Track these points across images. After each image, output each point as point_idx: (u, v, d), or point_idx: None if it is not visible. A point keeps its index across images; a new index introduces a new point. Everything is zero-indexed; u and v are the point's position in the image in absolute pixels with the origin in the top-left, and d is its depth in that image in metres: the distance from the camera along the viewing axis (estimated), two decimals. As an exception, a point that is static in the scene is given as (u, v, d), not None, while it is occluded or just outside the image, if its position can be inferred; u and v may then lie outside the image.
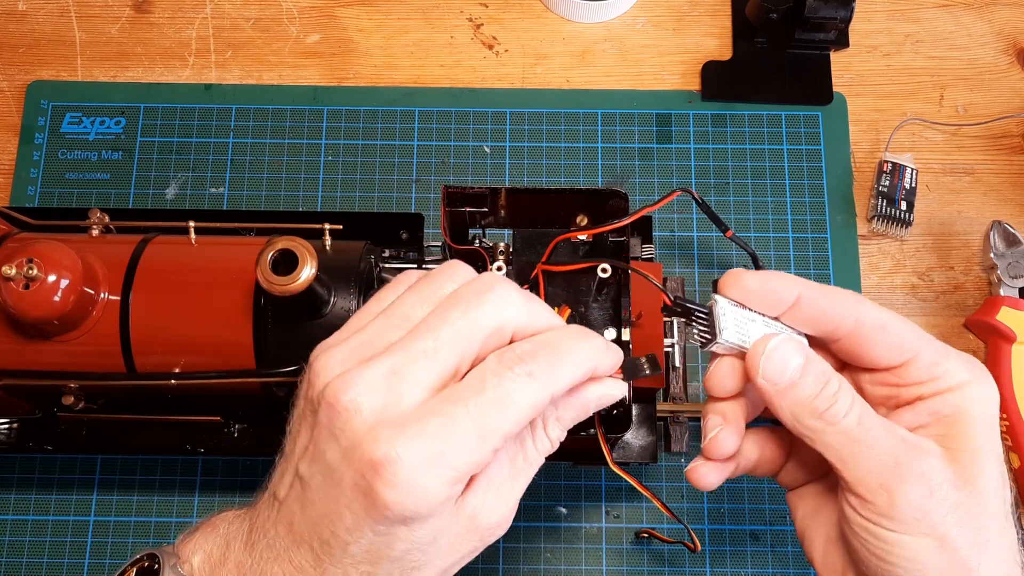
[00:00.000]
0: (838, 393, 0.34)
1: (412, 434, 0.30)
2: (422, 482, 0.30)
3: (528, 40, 0.70)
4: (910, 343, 0.35)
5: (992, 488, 0.34)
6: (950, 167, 0.66)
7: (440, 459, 0.30)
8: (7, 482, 0.60)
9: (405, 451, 0.30)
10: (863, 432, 0.34)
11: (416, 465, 0.30)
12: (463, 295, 0.33)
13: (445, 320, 0.32)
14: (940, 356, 0.35)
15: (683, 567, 0.58)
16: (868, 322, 0.35)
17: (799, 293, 0.36)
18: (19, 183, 0.66)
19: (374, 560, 0.32)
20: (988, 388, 0.35)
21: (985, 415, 0.35)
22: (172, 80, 0.69)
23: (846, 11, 0.64)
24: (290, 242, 0.44)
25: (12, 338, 0.48)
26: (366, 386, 0.31)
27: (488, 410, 0.31)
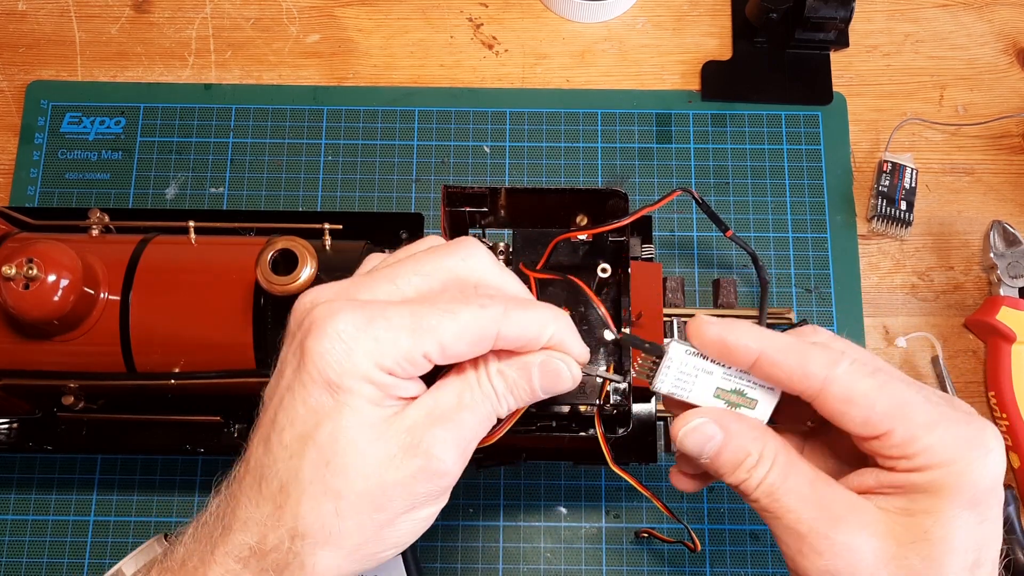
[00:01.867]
0: (753, 469, 0.34)
1: (353, 305, 0.32)
2: (346, 342, 0.31)
3: (528, 40, 0.70)
4: (879, 420, 0.33)
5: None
6: (950, 167, 0.66)
7: (368, 327, 0.31)
8: (7, 482, 0.60)
9: (340, 310, 0.32)
10: (772, 503, 0.34)
11: (344, 323, 0.31)
12: (438, 248, 0.35)
13: (411, 261, 0.35)
14: (920, 432, 0.32)
15: (683, 567, 0.58)
16: (834, 393, 0.33)
17: (759, 352, 0.34)
18: (19, 183, 0.66)
19: (302, 443, 0.32)
20: (974, 470, 0.32)
21: (957, 495, 0.32)
22: (172, 80, 0.69)
23: (846, 11, 0.64)
24: (290, 242, 0.45)
25: (12, 338, 0.48)
26: (330, 293, 0.34)
27: (429, 314, 0.32)
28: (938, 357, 0.61)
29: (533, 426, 0.47)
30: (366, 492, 0.32)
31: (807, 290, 0.63)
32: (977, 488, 0.32)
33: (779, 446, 0.35)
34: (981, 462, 0.32)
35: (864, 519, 0.33)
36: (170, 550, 0.34)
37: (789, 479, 0.34)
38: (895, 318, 0.63)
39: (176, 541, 0.34)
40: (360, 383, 0.32)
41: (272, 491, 0.32)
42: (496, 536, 0.59)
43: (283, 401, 0.33)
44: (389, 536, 0.33)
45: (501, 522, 0.59)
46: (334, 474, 0.32)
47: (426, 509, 0.34)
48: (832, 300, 0.63)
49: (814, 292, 0.63)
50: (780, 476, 0.34)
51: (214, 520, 0.33)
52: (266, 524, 0.32)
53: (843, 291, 0.63)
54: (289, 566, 0.32)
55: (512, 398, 0.35)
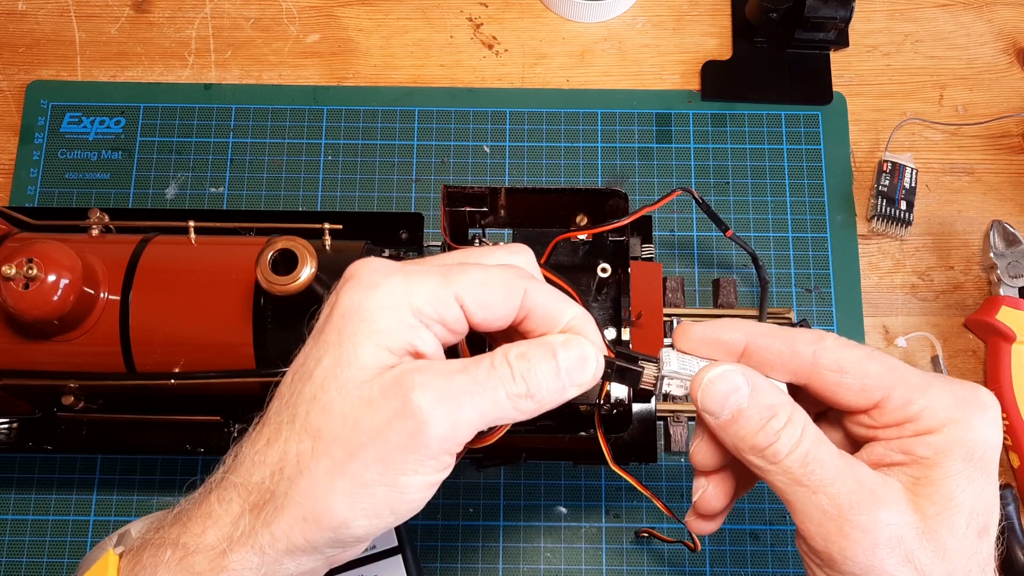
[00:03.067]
0: (782, 430, 0.32)
1: (387, 261, 0.33)
2: (377, 282, 0.32)
3: (528, 40, 0.70)
4: (875, 384, 0.32)
5: (955, 545, 0.31)
6: (950, 167, 0.66)
7: (401, 272, 0.32)
8: (7, 482, 0.60)
9: (376, 262, 0.33)
10: (807, 474, 0.32)
11: (379, 269, 0.32)
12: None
13: (463, 251, 0.36)
14: (915, 394, 0.32)
15: (683, 567, 0.58)
16: (825, 364, 0.33)
17: (745, 339, 0.34)
18: (19, 183, 0.66)
19: (303, 380, 0.32)
20: (976, 427, 0.32)
21: (966, 456, 0.32)
22: (172, 80, 0.69)
23: (846, 11, 0.64)
24: (290, 242, 0.44)
25: (12, 338, 0.48)
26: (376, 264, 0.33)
27: (460, 266, 0.33)
28: (938, 357, 0.61)
29: (533, 426, 0.47)
30: (341, 433, 0.30)
31: (807, 290, 0.63)
32: (986, 446, 0.32)
33: (806, 414, 0.33)
34: (981, 418, 0.32)
35: (897, 494, 0.32)
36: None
37: (822, 448, 0.32)
38: (895, 318, 0.63)
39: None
40: (383, 317, 0.31)
41: (270, 429, 0.32)
42: (496, 536, 0.59)
43: (305, 345, 0.33)
44: (362, 500, 0.30)
45: (501, 522, 0.59)
46: (318, 411, 0.31)
47: (406, 476, 0.30)
48: (832, 300, 0.63)
49: (814, 292, 0.63)
50: (814, 444, 0.32)
51: (227, 461, 0.34)
52: (254, 460, 0.32)
53: (843, 291, 0.63)
54: (266, 506, 0.31)
55: (529, 382, 0.31)
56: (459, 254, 0.36)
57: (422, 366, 0.31)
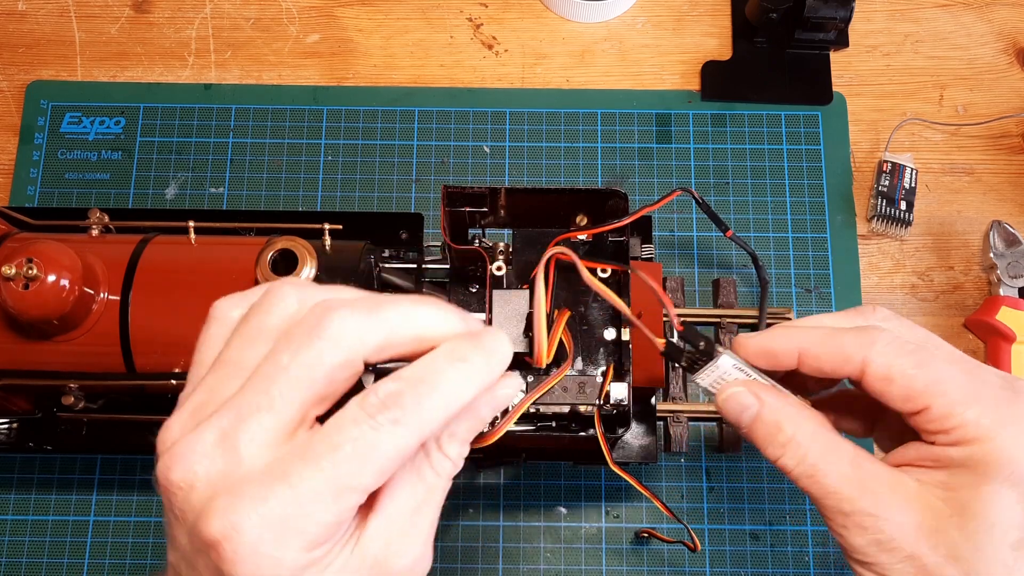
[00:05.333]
0: (787, 444, 0.35)
1: (251, 501, 0.27)
2: (270, 554, 0.27)
3: (528, 40, 0.70)
4: (917, 395, 0.34)
5: (970, 551, 0.33)
6: (950, 167, 0.67)
7: (286, 526, 0.27)
8: (7, 482, 0.60)
9: (245, 522, 0.27)
10: (814, 483, 0.35)
11: (258, 537, 0.27)
12: (294, 334, 0.29)
13: (277, 366, 0.28)
14: (957, 408, 0.33)
15: (683, 567, 0.58)
16: (873, 372, 0.34)
17: (797, 351, 0.36)
18: (19, 183, 0.66)
19: None
20: (1008, 447, 0.33)
21: (992, 473, 0.33)
22: (172, 80, 0.69)
23: (846, 11, 0.64)
24: (290, 242, 0.45)
25: (12, 338, 0.48)
26: (198, 455, 0.27)
27: (345, 466, 0.28)
28: (938, 357, 0.61)
29: (533, 426, 0.47)
30: None
31: (807, 290, 0.63)
32: (1015, 464, 0.33)
33: (817, 425, 0.35)
34: (1018, 438, 0.33)
35: (905, 494, 0.34)
36: None
37: (829, 458, 0.35)
38: (895, 318, 0.63)
39: None
40: (301, 573, 0.28)
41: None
42: (496, 536, 0.59)
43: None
44: None
45: (501, 522, 0.59)
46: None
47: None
48: (832, 300, 0.63)
49: (814, 292, 0.63)
50: (819, 456, 0.35)
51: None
52: None
53: (843, 291, 0.63)
54: None
55: (465, 448, 0.32)
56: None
57: (394, 552, 0.33)
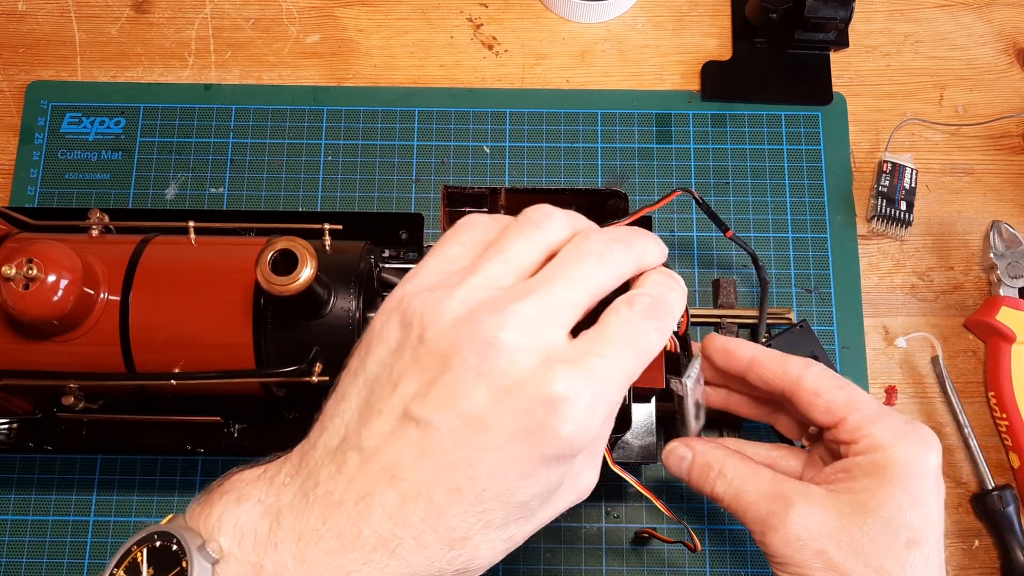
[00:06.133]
0: (716, 479, 0.44)
1: (583, 371, 0.30)
2: (588, 419, 0.30)
3: (528, 40, 0.70)
4: (838, 408, 0.42)
5: (867, 544, 0.39)
6: (950, 167, 0.66)
7: (600, 399, 0.31)
8: (7, 482, 0.60)
9: (582, 387, 0.30)
10: (739, 504, 0.43)
11: (588, 402, 0.30)
12: (592, 249, 0.34)
13: (581, 273, 0.33)
14: (867, 421, 0.41)
15: (683, 567, 0.58)
16: (806, 386, 0.43)
17: (751, 357, 0.45)
18: (19, 183, 0.66)
19: (500, 505, 0.31)
20: (905, 456, 0.40)
21: (890, 478, 0.40)
22: (172, 80, 0.69)
23: (846, 11, 0.64)
24: (290, 242, 0.44)
25: (12, 338, 0.48)
26: (524, 326, 0.31)
27: (631, 356, 0.32)
28: (938, 357, 0.61)
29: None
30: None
31: (807, 290, 0.63)
32: (909, 473, 0.40)
33: (739, 460, 0.44)
34: (913, 451, 0.40)
35: (812, 500, 0.40)
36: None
37: (749, 481, 0.42)
38: (895, 318, 0.63)
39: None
40: (590, 445, 0.33)
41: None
42: (496, 536, 0.59)
43: (495, 478, 0.31)
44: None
45: (501, 522, 0.59)
46: (519, 522, 0.34)
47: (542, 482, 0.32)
48: (832, 300, 0.63)
49: (814, 292, 0.63)
50: (742, 480, 0.43)
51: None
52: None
53: (843, 291, 0.63)
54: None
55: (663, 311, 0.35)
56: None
57: (587, 464, 0.37)
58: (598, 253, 0.34)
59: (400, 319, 0.32)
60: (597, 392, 0.31)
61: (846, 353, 0.62)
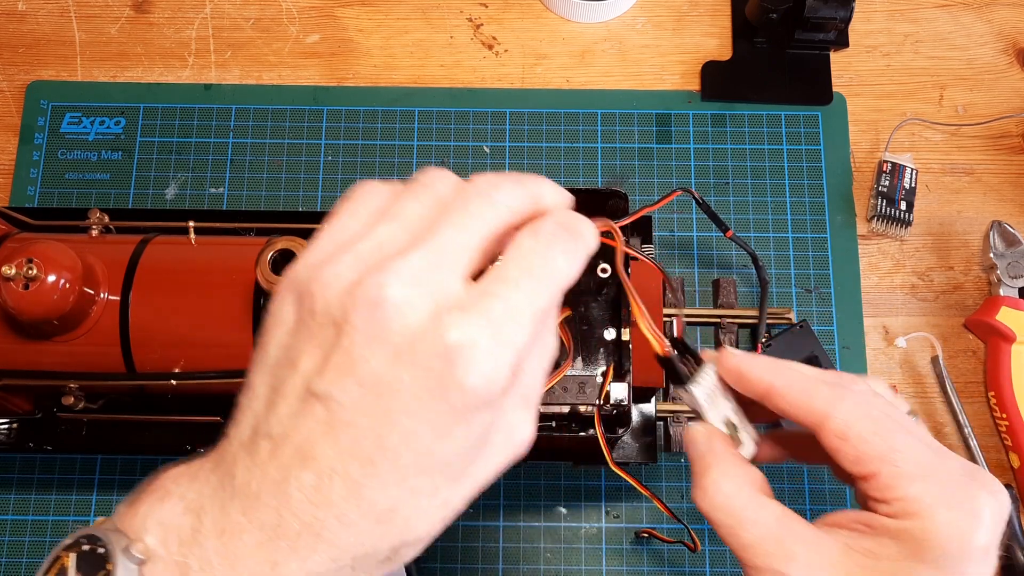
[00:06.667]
0: (712, 494, 0.37)
1: (478, 316, 0.28)
2: (494, 366, 0.28)
3: (528, 40, 0.70)
4: (868, 460, 0.33)
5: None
6: (950, 167, 0.66)
7: (502, 340, 0.28)
8: (7, 482, 0.60)
9: (477, 334, 0.28)
10: (734, 542, 0.35)
11: (488, 347, 0.28)
12: (478, 191, 0.31)
13: (468, 215, 0.30)
14: (902, 480, 0.33)
15: (683, 567, 0.58)
16: (831, 428, 0.34)
17: (770, 385, 0.36)
18: (19, 183, 0.66)
19: (422, 470, 0.29)
20: (952, 529, 0.32)
21: (917, 552, 0.32)
22: (172, 80, 0.69)
23: (846, 11, 0.64)
24: (290, 242, 0.45)
25: (12, 338, 0.48)
26: (410, 279, 0.28)
27: (534, 288, 0.30)
28: (938, 357, 0.61)
29: (533, 426, 0.47)
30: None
31: (807, 290, 0.63)
32: (947, 549, 0.31)
33: (752, 481, 0.36)
34: (957, 524, 0.32)
35: (824, 557, 0.33)
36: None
37: (753, 512, 0.35)
38: (895, 318, 0.63)
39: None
40: (500, 394, 0.29)
41: None
42: (496, 536, 0.59)
43: (409, 441, 0.29)
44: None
45: (501, 522, 0.59)
46: (450, 485, 0.31)
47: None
48: (832, 300, 0.63)
49: (814, 292, 0.63)
50: (750, 511, 0.35)
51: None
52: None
53: (843, 291, 0.63)
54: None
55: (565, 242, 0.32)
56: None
57: (516, 415, 0.32)
58: (483, 192, 0.31)
59: (293, 298, 0.31)
60: (498, 335, 0.28)
61: (846, 353, 0.62)
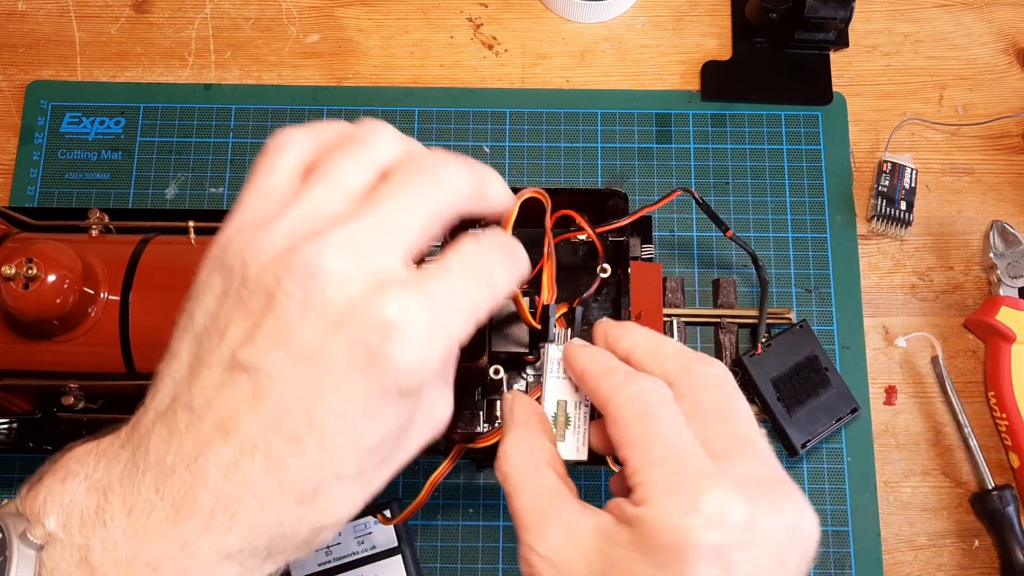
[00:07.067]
0: (501, 460, 0.35)
1: (421, 294, 0.27)
2: (429, 347, 0.27)
3: (528, 40, 0.70)
4: (625, 445, 0.32)
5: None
6: (950, 167, 0.67)
7: (443, 326, 0.28)
8: (7, 482, 0.60)
9: (418, 311, 0.27)
10: (513, 504, 0.34)
11: (425, 327, 0.27)
12: (426, 165, 0.31)
13: (413, 191, 0.30)
14: (645, 466, 0.31)
15: (683, 567, 0.58)
16: (608, 413, 0.34)
17: (582, 368, 0.36)
18: (19, 183, 0.66)
19: (348, 452, 0.28)
20: (669, 518, 0.29)
21: (646, 540, 0.30)
22: (172, 80, 0.69)
23: (846, 11, 0.64)
24: (290, 242, 0.44)
25: (12, 338, 0.48)
26: (350, 251, 0.27)
27: (475, 287, 0.30)
28: (938, 357, 0.61)
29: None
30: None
31: (807, 290, 0.63)
32: (662, 540, 0.29)
33: (539, 451, 0.36)
34: (673, 513, 0.29)
35: (573, 537, 0.32)
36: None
37: (530, 480, 0.34)
38: (895, 318, 0.63)
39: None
40: (431, 379, 0.29)
41: None
42: (496, 536, 0.59)
43: (337, 419, 0.28)
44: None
45: (501, 522, 0.59)
46: (376, 468, 0.31)
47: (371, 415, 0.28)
48: (832, 300, 0.63)
49: (814, 292, 0.63)
50: (522, 475, 0.35)
51: None
52: None
53: (843, 291, 0.63)
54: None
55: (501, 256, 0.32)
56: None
57: (438, 395, 0.33)
58: (432, 169, 0.31)
59: (222, 264, 0.29)
60: (437, 318, 0.28)
61: (846, 353, 0.62)
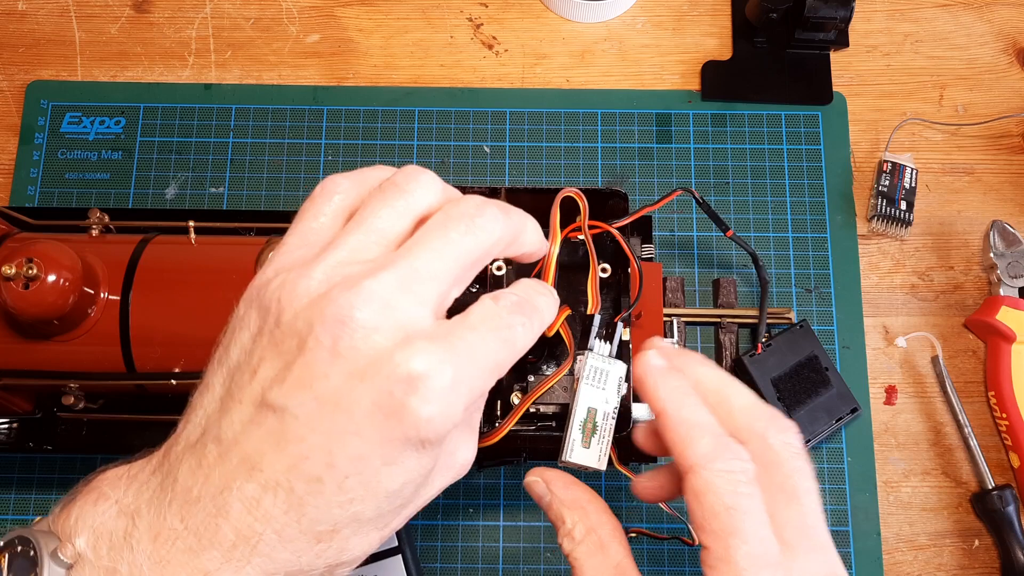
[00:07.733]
0: (566, 537, 0.38)
1: (445, 350, 0.29)
2: (452, 403, 0.28)
3: (528, 40, 0.70)
4: (707, 532, 0.33)
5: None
6: (950, 167, 0.67)
7: (465, 379, 0.29)
8: (7, 482, 0.60)
9: (442, 366, 0.28)
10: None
11: (448, 382, 0.28)
12: (461, 213, 0.31)
13: (447, 241, 0.31)
14: (727, 568, 0.32)
15: (683, 567, 0.58)
16: (690, 482, 0.34)
17: (661, 410, 0.36)
18: (19, 183, 0.66)
19: (367, 494, 0.29)
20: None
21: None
22: (172, 80, 0.69)
23: (846, 11, 0.64)
24: (290, 242, 0.44)
25: (12, 338, 0.48)
26: (380, 302, 0.28)
27: (496, 344, 0.30)
28: (938, 357, 0.61)
29: (533, 426, 0.47)
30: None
31: (807, 290, 0.63)
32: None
33: (597, 523, 0.37)
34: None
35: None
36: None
37: (592, 559, 0.36)
38: (895, 318, 0.63)
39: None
40: (453, 429, 0.30)
41: None
42: (496, 536, 0.59)
43: (357, 464, 0.30)
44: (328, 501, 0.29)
45: (501, 522, 0.59)
46: (396, 511, 0.32)
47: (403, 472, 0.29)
48: (832, 300, 0.63)
49: (814, 292, 0.63)
50: (585, 554, 0.36)
51: None
52: None
53: (843, 291, 0.63)
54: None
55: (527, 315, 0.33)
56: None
57: (462, 442, 0.34)
58: (468, 217, 0.31)
59: (259, 304, 0.31)
60: (459, 372, 0.29)
61: (846, 353, 0.62)
